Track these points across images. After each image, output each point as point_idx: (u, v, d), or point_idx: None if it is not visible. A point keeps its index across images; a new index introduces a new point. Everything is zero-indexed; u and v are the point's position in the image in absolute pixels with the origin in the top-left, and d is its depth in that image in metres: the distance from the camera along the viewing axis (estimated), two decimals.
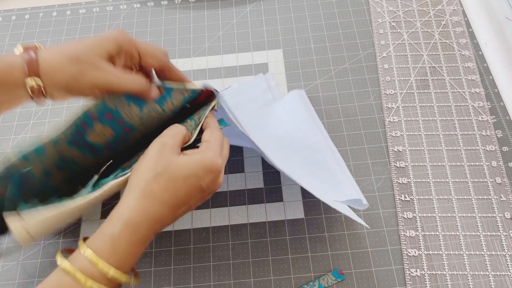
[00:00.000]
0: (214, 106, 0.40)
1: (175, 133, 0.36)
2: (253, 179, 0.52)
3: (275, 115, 0.53)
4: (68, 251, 0.33)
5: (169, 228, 0.50)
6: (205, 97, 0.40)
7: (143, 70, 0.39)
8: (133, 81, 0.36)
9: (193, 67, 0.61)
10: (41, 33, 0.65)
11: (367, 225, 0.43)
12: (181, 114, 0.40)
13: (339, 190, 0.46)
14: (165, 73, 0.39)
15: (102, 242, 0.31)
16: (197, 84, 0.39)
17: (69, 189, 0.36)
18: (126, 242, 0.31)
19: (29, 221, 0.33)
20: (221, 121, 0.41)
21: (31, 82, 0.32)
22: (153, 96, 0.37)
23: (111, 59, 0.35)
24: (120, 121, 0.37)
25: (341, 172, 0.47)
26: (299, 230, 0.49)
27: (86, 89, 0.34)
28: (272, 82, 0.58)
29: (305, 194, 0.51)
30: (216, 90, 0.39)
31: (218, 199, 0.51)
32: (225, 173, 0.52)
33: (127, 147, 0.40)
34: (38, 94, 0.33)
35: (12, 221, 0.33)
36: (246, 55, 0.62)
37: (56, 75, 0.33)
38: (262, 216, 0.50)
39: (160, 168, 0.33)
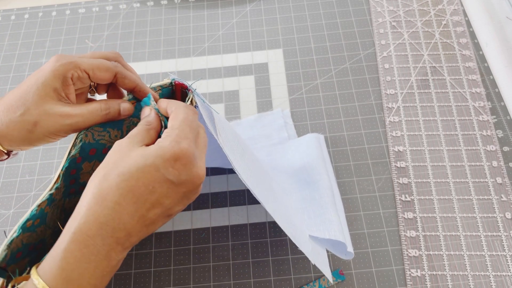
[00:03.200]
0: (191, 102, 0.36)
1: (135, 131, 0.32)
2: None
3: (287, 156, 0.51)
4: (20, 280, 0.29)
5: (169, 229, 0.49)
6: (182, 94, 0.37)
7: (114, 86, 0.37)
8: (92, 113, 0.33)
9: (192, 67, 0.61)
10: (40, 32, 0.65)
11: (331, 280, 0.41)
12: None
13: (324, 227, 0.43)
14: (118, 81, 0.35)
15: (51, 259, 0.27)
16: (165, 80, 0.37)
17: None
18: (75, 257, 0.26)
19: None
20: None
21: None
22: (125, 114, 0.34)
23: (62, 92, 0.32)
24: (104, 150, 0.35)
25: (334, 213, 0.45)
26: None
27: (45, 138, 0.32)
28: (290, 120, 0.56)
29: None
30: (186, 87, 0.36)
31: (218, 199, 0.51)
32: (224, 173, 0.52)
33: None
34: None
35: None
36: (246, 54, 0.61)
37: (10, 133, 0.31)
38: (262, 216, 0.50)
39: (110, 165, 0.29)
